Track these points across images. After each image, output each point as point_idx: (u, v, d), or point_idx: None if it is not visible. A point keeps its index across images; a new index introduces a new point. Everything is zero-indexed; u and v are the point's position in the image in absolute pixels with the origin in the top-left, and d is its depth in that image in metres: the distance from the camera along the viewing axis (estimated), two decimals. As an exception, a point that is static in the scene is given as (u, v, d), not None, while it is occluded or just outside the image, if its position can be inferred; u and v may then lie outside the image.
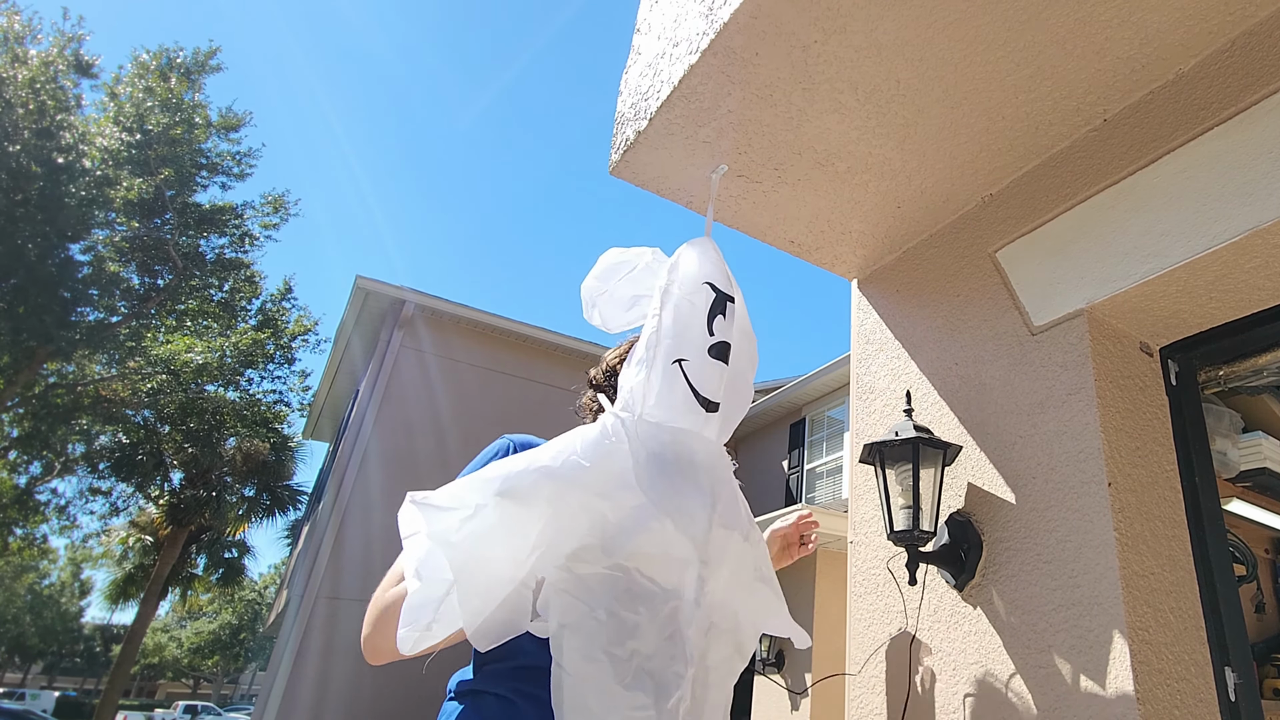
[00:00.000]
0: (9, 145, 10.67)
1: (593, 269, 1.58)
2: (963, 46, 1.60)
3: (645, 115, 1.87)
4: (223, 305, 14.58)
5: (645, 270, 1.58)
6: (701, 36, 1.67)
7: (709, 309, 1.45)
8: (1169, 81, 1.65)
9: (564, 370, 10.24)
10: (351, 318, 10.10)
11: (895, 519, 1.74)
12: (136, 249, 13.03)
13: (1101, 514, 1.50)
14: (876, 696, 1.87)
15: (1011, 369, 1.81)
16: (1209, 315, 1.68)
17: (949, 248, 2.10)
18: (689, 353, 1.40)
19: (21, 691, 29.92)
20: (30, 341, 11.49)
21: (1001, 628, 1.63)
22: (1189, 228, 1.52)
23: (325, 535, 8.41)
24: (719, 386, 1.38)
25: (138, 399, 13.73)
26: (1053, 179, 1.84)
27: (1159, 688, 1.39)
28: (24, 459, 14.51)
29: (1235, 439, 2.37)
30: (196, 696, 45.07)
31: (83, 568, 37.05)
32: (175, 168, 13.19)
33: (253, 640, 38.62)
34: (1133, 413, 1.66)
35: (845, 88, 1.71)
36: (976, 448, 1.84)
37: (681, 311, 1.47)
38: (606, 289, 1.58)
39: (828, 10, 1.53)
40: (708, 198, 2.06)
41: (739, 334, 1.48)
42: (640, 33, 2.13)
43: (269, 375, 15.07)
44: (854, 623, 2.02)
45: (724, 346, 1.47)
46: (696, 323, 1.46)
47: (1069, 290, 1.72)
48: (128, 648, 15.05)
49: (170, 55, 13.31)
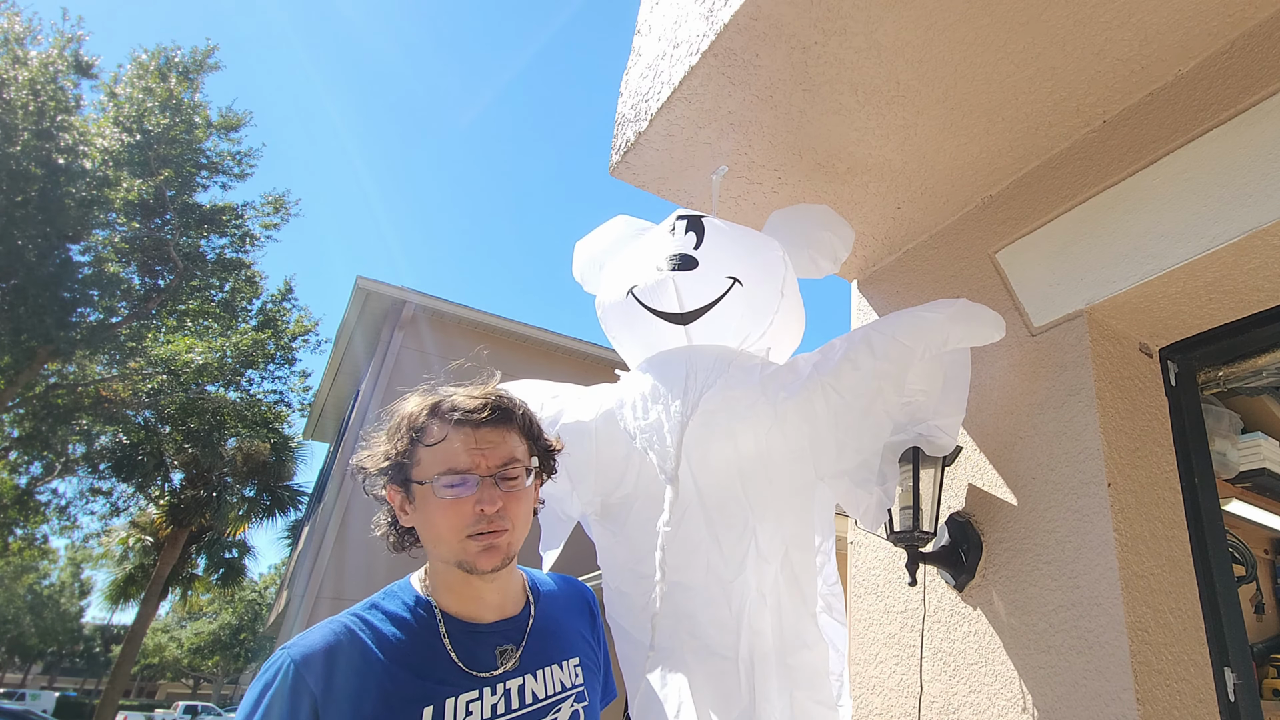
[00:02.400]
0: (9, 146, 10.67)
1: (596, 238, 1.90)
2: (963, 48, 1.60)
3: (646, 116, 1.88)
4: (223, 305, 14.56)
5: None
6: (702, 38, 1.67)
7: (671, 233, 1.55)
8: (1169, 83, 1.66)
9: (565, 370, 10.24)
10: (352, 318, 10.10)
11: (895, 519, 1.74)
12: (137, 249, 13.02)
13: (1101, 514, 1.51)
14: (877, 697, 1.87)
15: (1011, 369, 1.81)
16: (1208, 316, 1.68)
17: (949, 248, 2.10)
18: (638, 276, 1.50)
19: (21, 692, 29.92)
20: (30, 342, 11.48)
21: (1001, 628, 1.63)
22: (1188, 229, 1.52)
23: (326, 536, 8.41)
24: (682, 294, 1.43)
25: (138, 399, 13.72)
26: (1052, 180, 1.84)
27: (1159, 688, 1.39)
28: (24, 459, 14.50)
29: (1234, 440, 2.37)
30: (196, 697, 45.07)
31: (83, 568, 37.05)
32: (175, 168, 13.18)
33: (253, 641, 38.60)
34: (1132, 413, 1.66)
35: (845, 89, 1.72)
36: (976, 448, 1.84)
37: (637, 248, 1.60)
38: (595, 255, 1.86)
39: (828, 12, 1.54)
40: (708, 199, 2.06)
41: (726, 238, 1.55)
42: (641, 34, 2.13)
43: (269, 375, 15.06)
44: (854, 623, 2.02)
45: (684, 258, 1.49)
46: (650, 250, 1.55)
47: (1069, 291, 1.72)
48: (128, 648, 15.04)
49: (168, 55, 13.30)
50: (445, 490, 0.95)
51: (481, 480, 0.96)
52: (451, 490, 0.95)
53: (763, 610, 1.38)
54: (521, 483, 1.00)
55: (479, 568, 0.96)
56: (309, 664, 0.87)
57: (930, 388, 1.56)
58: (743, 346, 1.55)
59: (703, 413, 1.38)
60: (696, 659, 1.37)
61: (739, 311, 1.51)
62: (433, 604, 0.99)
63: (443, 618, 0.98)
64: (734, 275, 1.51)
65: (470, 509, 0.95)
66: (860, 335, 1.48)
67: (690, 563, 1.41)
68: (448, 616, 0.98)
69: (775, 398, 1.39)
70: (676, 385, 1.40)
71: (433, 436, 0.98)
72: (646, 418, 1.40)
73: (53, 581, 38.49)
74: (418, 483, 0.97)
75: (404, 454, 0.99)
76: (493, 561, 0.96)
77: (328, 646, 0.89)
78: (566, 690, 1.04)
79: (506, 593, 1.05)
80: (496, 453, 0.98)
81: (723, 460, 1.43)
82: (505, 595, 1.05)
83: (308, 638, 0.90)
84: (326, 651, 0.88)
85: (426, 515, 0.97)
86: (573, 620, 1.15)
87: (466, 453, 0.97)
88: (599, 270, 1.78)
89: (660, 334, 1.54)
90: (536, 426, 1.07)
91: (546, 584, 1.17)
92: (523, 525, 1.02)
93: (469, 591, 1.00)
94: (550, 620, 1.10)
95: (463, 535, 0.95)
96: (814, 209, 1.78)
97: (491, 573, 0.97)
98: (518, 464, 1.00)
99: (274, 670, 0.87)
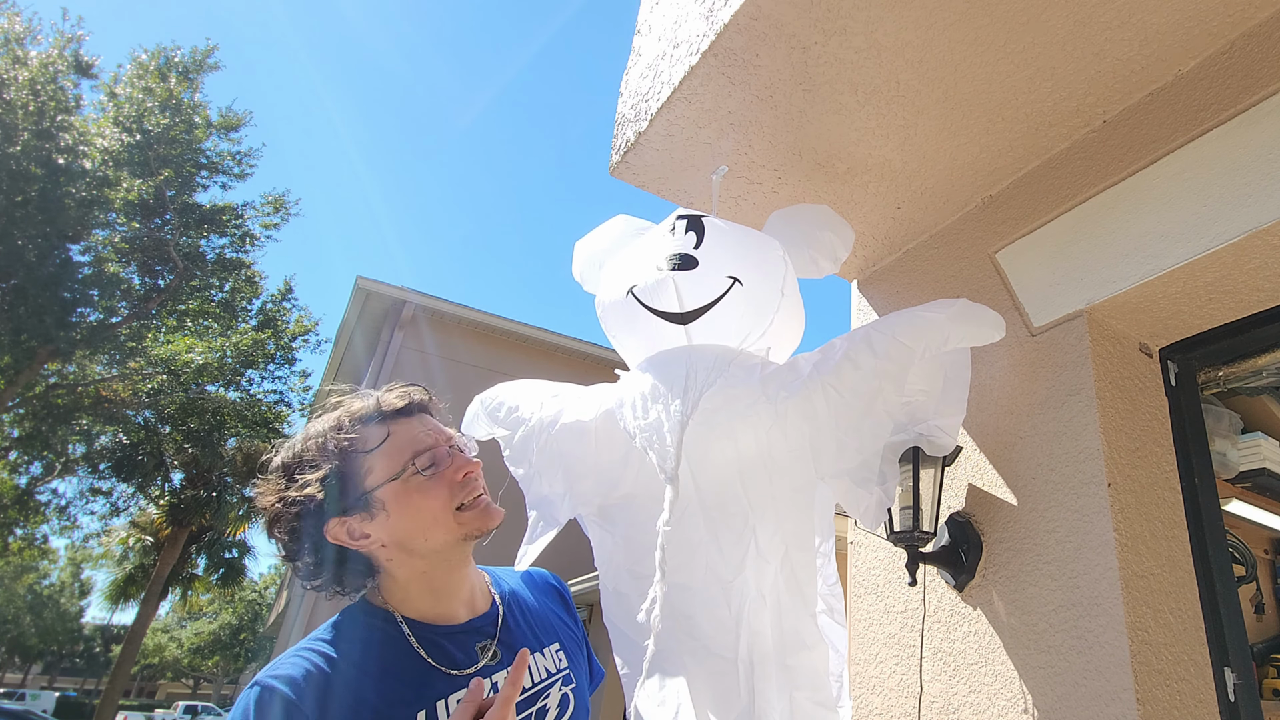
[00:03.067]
0: (9, 146, 10.67)
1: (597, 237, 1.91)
2: (963, 48, 1.60)
3: (646, 116, 1.88)
4: (223, 305, 14.57)
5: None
6: (702, 38, 1.67)
7: (671, 232, 1.55)
8: (1168, 83, 1.66)
9: (565, 370, 10.23)
10: (352, 318, 10.11)
11: (895, 519, 1.74)
12: (137, 249, 13.02)
13: (1101, 514, 1.51)
14: (877, 697, 1.87)
15: (1011, 369, 1.81)
16: (1208, 316, 1.68)
17: (949, 249, 2.10)
18: (638, 275, 1.50)
19: (21, 692, 29.91)
20: (30, 342, 11.49)
21: (1001, 628, 1.63)
22: (1188, 229, 1.52)
23: (325, 535, 8.40)
24: (682, 294, 1.44)
25: (138, 399, 13.72)
26: (1052, 180, 1.84)
27: (1159, 688, 1.39)
28: (24, 459, 14.51)
29: (1234, 440, 2.37)
30: (196, 697, 45.08)
31: (83, 568, 37.04)
32: (175, 168, 13.18)
33: (253, 640, 38.61)
34: (1132, 413, 1.66)
35: (845, 89, 1.72)
36: (976, 448, 1.84)
37: (636, 248, 1.61)
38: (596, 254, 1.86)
39: (828, 12, 1.54)
40: (708, 198, 2.06)
41: (726, 237, 1.56)
42: (641, 34, 2.13)
43: (269, 375, 15.07)
44: (854, 623, 2.02)
45: (684, 257, 1.49)
46: (650, 250, 1.56)
47: (1069, 291, 1.72)
48: (128, 648, 15.05)
49: (168, 55, 13.30)
50: (427, 468, 0.94)
51: (450, 449, 0.98)
52: (432, 467, 0.95)
53: (762, 610, 1.38)
54: (470, 453, 1.02)
55: (486, 527, 0.97)
56: (297, 690, 0.83)
57: (930, 387, 1.56)
58: (743, 346, 1.55)
59: (703, 412, 1.38)
60: (695, 659, 1.37)
61: (739, 311, 1.51)
62: (396, 616, 0.95)
63: (411, 629, 0.95)
64: (734, 275, 1.51)
65: (450, 478, 0.96)
66: (861, 335, 1.48)
67: (690, 563, 1.41)
68: (417, 624, 0.96)
69: (775, 397, 1.39)
70: (676, 385, 1.40)
71: (376, 438, 0.95)
72: (646, 417, 1.40)
73: (53, 581, 38.50)
74: (383, 484, 0.93)
75: (344, 471, 0.93)
76: (497, 517, 0.99)
77: (306, 673, 0.85)
78: (553, 675, 1.04)
79: (474, 589, 1.04)
80: (442, 431, 1.01)
81: (722, 460, 1.43)
82: (474, 591, 1.04)
83: (281, 667, 0.86)
84: (306, 676, 0.85)
85: (409, 508, 0.94)
86: (546, 604, 1.16)
87: (426, 433, 0.98)
88: (599, 270, 1.78)
89: (660, 334, 1.54)
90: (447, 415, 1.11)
91: (510, 577, 1.18)
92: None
93: (435, 596, 0.98)
94: (524, 610, 1.10)
95: (451, 510, 0.95)
96: (814, 209, 1.78)
97: (494, 530, 0.99)
98: (461, 438, 1.03)
99: (256, 696, 0.82)
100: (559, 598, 1.21)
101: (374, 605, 0.97)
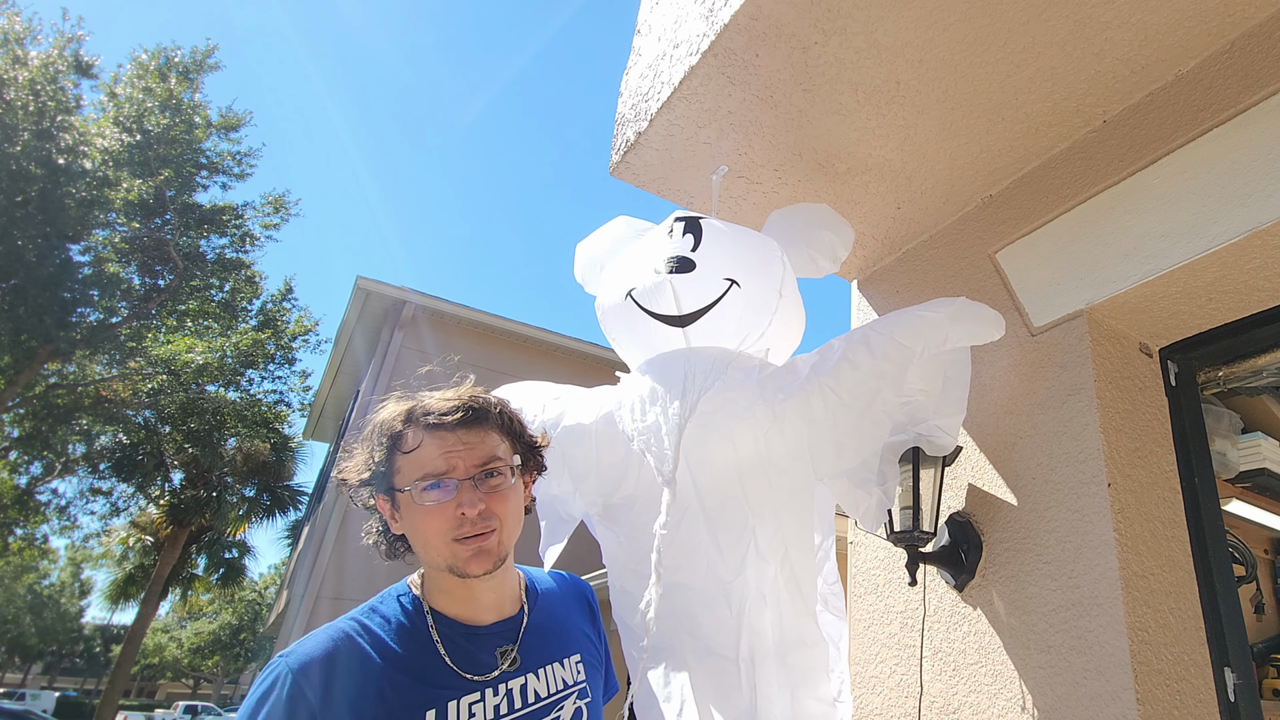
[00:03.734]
0: (9, 146, 10.67)
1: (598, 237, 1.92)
2: (963, 48, 1.60)
3: (646, 116, 1.88)
4: (223, 305, 14.56)
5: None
6: (702, 38, 1.67)
7: (669, 234, 1.55)
8: (1168, 83, 1.66)
9: (565, 371, 10.23)
10: (352, 318, 10.10)
11: (895, 519, 1.74)
12: (137, 249, 13.02)
13: (1101, 514, 1.51)
14: (877, 696, 1.87)
15: (1011, 369, 1.81)
16: (1208, 316, 1.68)
17: (949, 249, 2.10)
18: (636, 278, 1.50)
19: (21, 691, 29.91)
20: (30, 342, 11.49)
21: (1001, 628, 1.63)
22: (1188, 229, 1.52)
23: (326, 536, 8.41)
24: (680, 297, 1.44)
25: (138, 399, 13.72)
26: (1052, 180, 1.84)
27: (1159, 688, 1.39)
28: (24, 459, 14.50)
29: (1234, 440, 2.37)
30: (196, 697, 45.07)
31: (83, 568, 37.05)
32: (175, 168, 13.18)
33: (253, 641, 38.60)
34: (1132, 413, 1.66)
35: (845, 89, 1.72)
36: (976, 448, 1.84)
37: (635, 250, 1.61)
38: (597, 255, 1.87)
39: (828, 12, 1.54)
40: (709, 198, 2.06)
41: (723, 239, 1.56)
42: (641, 34, 2.13)
43: (269, 375, 15.06)
44: (854, 623, 2.02)
45: (681, 260, 1.49)
46: (648, 252, 1.56)
47: (1069, 291, 1.72)
48: (128, 648, 15.04)
49: (168, 55, 13.30)
50: (424, 496, 0.94)
51: (461, 483, 0.95)
52: (431, 495, 0.94)
53: (763, 610, 1.38)
54: (505, 481, 0.98)
55: (470, 571, 0.95)
56: (307, 673, 0.86)
57: (930, 387, 1.56)
58: (741, 348, 1.55)
59: (701, 414, 1.38)
60: (697, 658, 1.37)
61: (737, 313, 1.51)
62: (425, 608, 0.98)
63: (435, 622, 0.97)
64: (731, 277, 1.51)
65: (452, 513, 0.94)
66: (859, 335, 1.48)
67: (690, 563, 1.41)
68: (443, 620, 0.98)
69: (773, 399, 1.39)
70: (675, 387, 1.40)
71: (409, 443, 0.96)
72: (644, 419, 1.40)
73: (53, 581, 38.49)
74: (399, 490, 0.96)
75: (382, 463, 0.97)
76: (484, 565, 0.95)
77: (325, 654, 0.88)
78: (569, 688, 1.04)
79: (503, 593, 1.05)
80: (474, 454, 0.97)
81: (721, 461, 1.43)
82: (502, 596, 1.04)
83: (305, 645, 0.90)
84: (324, 659, 0.88)
85: (412, 523, 0.96)
86: (573, 616, 1.15)
87: (443, 456, 0.95)
88: (599, 271, 1.78)
89: (659, 336, 1.55)
90: (518, 424, 1.06)
91: (545, 582, 1.17)
92: (513, 524, 1.00)
93: (465, 594, 1.00)
94: (550, 618, 1.09)
95: (449, 540, 0.94)
96: (813, 208, 1.78)
97: (483, 575, 0.96)
98: (499, 463, 0.98)
99: (271, 679, 0.86)
100: (587, 609, 1.20)
101: (414, 593, 1.01)
